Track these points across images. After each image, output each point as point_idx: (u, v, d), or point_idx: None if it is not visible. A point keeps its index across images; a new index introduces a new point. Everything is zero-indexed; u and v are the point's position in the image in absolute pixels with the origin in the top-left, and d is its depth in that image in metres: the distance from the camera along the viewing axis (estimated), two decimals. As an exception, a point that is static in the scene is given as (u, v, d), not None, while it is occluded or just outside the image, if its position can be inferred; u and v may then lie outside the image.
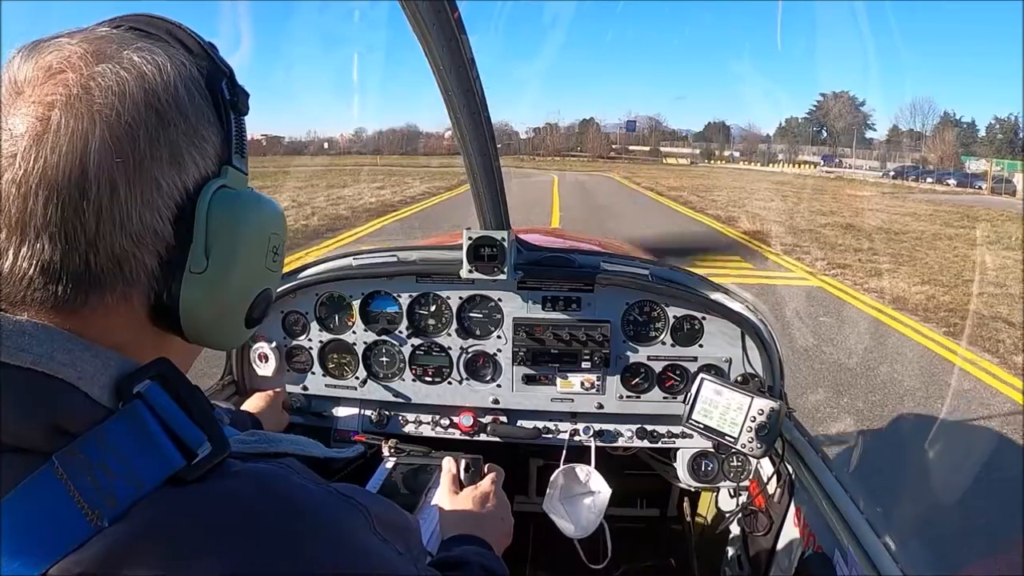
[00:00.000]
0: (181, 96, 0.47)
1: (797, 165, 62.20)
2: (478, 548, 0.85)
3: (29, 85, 0.43)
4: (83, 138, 0.42)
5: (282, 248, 0.56)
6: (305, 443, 0.65)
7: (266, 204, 0.53)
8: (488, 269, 1.47)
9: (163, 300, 0.47)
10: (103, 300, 0.45)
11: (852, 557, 1.12)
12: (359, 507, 0.51)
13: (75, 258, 0.43)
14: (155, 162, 0.45)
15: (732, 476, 1.64)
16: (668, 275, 1.60)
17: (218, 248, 0.48)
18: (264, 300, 0.54)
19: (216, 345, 0.53)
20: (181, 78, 0.47)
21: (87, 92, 0.43)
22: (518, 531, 1.06)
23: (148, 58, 0.46)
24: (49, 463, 0.39)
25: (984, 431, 3.98)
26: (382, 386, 1.65)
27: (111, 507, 0.39)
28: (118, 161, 0.43)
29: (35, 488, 0.39)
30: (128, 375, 0.44)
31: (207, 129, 0.48)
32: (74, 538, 0.38)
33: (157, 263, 0.46)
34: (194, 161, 0.47)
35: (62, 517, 0.38)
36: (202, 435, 0.44)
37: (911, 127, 68.09)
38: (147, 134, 0.44)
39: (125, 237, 0.44)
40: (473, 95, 1.10)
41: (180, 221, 0.46)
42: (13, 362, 0.41)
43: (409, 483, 1.42)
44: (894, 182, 41.35)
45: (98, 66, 0.44)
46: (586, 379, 1.60)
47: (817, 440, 1.51)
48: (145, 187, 0.44)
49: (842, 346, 5.43)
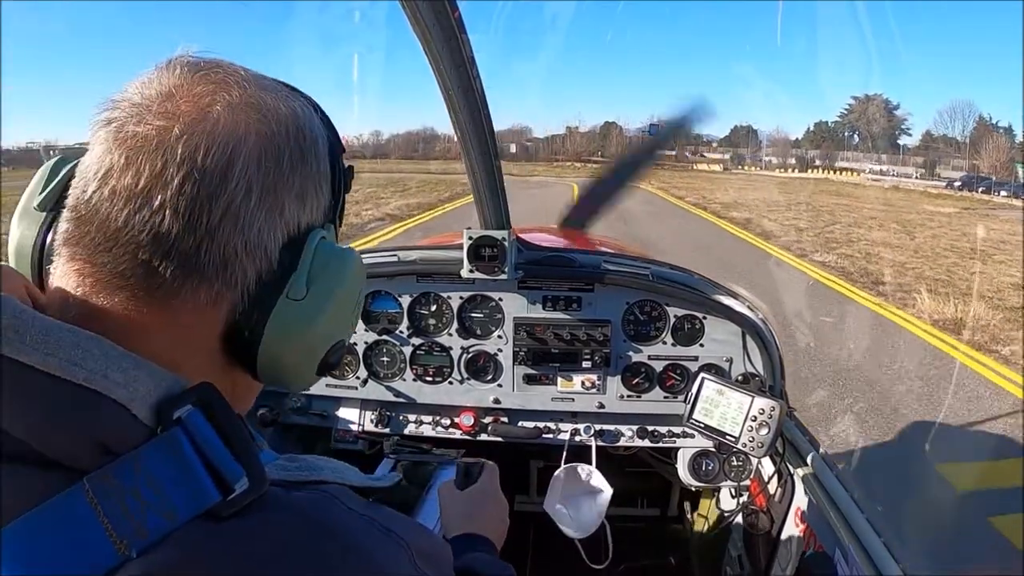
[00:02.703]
0: (320, 147, 0.51)
1: (836, 171, 58.82)
2: (487, 556, 0.85)
3: (193, 83, 0.45)
4: (237, 138, 0.44)
5: (360, 307, 0.58)
6: (344, 470, 0.63)
7: (360, 261, 0.55)
8: (489, 269, 1.47)
9: (248, 320, 0.47)
10: (197, 294, 0.44)
11: (853, 556, 1.12)
12: (399, 540, 0.50)
13: (189, 239, 0.43)
14: (286, 189, 0.47)
15: (733, 475, 1.64)
16: (668, 274, 1.60)
17: (320, 283, 0.49)
18: (339, 350, 0.55)
19: (284, 382, 0.52)
20: (320, 133, 0.51)
21: (248, 105, 0.46)
22: (519, 531, 1.06)
23: (301, 105, 0.50)
24: (79, 485, 0.38)
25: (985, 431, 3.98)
26: (383, 386, 1.65)
27: (141, 538, 0.38)
28: (261, 171, 0.45)
29: (64, 509, 0.37)
30: (171, 398, 0.43)
31: (326, 186, 0.52)
32: (100, 566, 0.37)
33: (255, 279, 0.46)
34: (312, 206, 0.50)
35: (89, 543, 0.37)
36: (241, 470, 0.42)
37: (949, 132, 63.34)
38: (289, 161, 0.47)
39: (240, 241, 0.45)
40: (473, 94, 1.10)
41: (287, 252, 0.48)
42: (66, 376, 0.40)
43: (410, 480, 1.43)
44: (960, 194, 34.98)
45: (261, 92, 0.47)
46: (587, 379, 1.60)
47: (818, 439, 1.52)
48: (272, 205, 0.46)
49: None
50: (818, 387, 4.44)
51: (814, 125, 76.09)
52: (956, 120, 62.51)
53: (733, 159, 71.75)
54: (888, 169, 57.39)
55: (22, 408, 0.39)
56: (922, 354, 5.56)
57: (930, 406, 4.33)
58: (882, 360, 5.25)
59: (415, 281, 1.61)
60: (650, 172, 11.73)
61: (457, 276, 1.52)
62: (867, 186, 41.32)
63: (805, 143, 74.05)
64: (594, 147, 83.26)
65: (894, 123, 68.32)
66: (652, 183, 32.46)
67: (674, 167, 64.10)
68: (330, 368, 0.55)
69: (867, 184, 44.04)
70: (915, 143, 65.61)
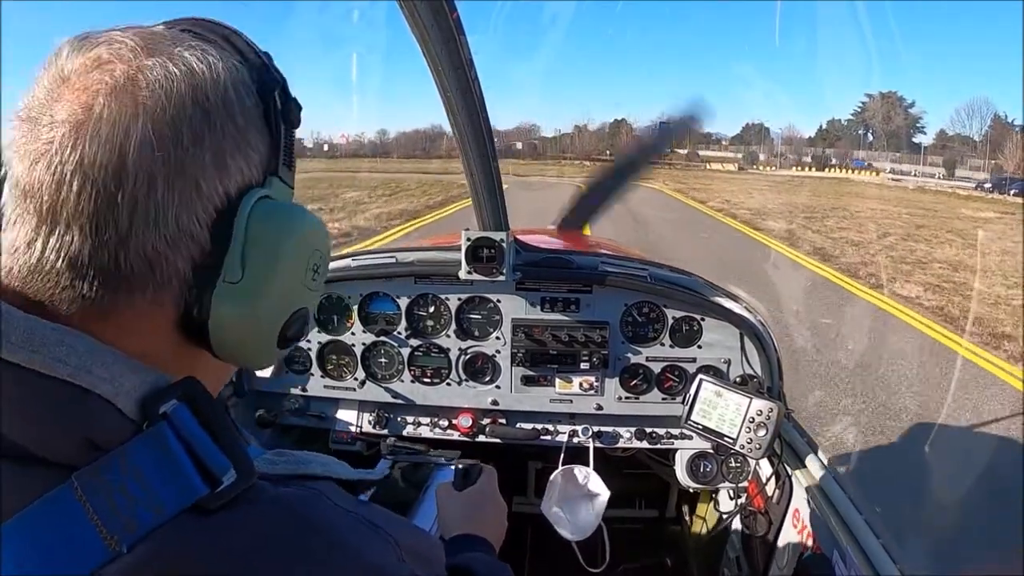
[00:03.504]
0: (231, 98, 0.45)
1: (854, 171, 56.19)
2: (485, 556, 0.85)
3: (75, 74, 0.42)
4: (124, 129, 0.41)
5: (324, 268, 0.53)
6: (333, 464, 0.63)
7: (310, 219, 0.51)
8: (487, 270, 1.47)
9: (194, 310, 0.45)
10: (132, 303, 0.43)
11: (851, 558, 1.12)
12: (386, 536, 0.50)
13: (104, 254, 0.41)
14: (197, 162, 0.43)
15: (731, 477, 1.64)
16: (666, 276, 1.60)
17: (256, 258, 0.46)
18: (300, 319, 0.52)
19: (245, 362, 0.51)
20: (232, 81, 0.45)
21: (133, 83, 0.41)
22: (517, 532, 1.06)
23: (200, 56, 0.44)
24: (68, 483, 0.38)
25: (985, 431, 3.98)
26: (381, 387, 1.65)
27: (130, 533, 0.38)
28: (158, 156, 0.41)
29: (54, 507, 0.38)
30: (155, 393, 0.43)
31: (255, 136, 0.47)
32: (91, 561, 0.37)
33: (191, 269, 0.44)
34: (238, 167, 0.46)
35: (80, 539, 0.37)
36: (227, 463, 0.42)
37: (967, 130, 60.92)
38: (192, 132, 0.43)
39: (159, 238, 0.42)
40: (472, 96, 1.10)
41: (219, 227, 0.45)
42: (50, 373, 0.40)
43: (407, 481, 1.43)
44: (991, 196, 31.46)
45: (148, 59, 0.43)
46: (585, 380, 1.60)
47: (816, 441, 1.52)
48: (184, 187, 0.42)
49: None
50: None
51: (827, 123, 74.34)
52: (974, 118, 60.85)
53: (746, 158, 69.69)
54: (909, 169, 55.13)
55: (9, 406, 0.39)
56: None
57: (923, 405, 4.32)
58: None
59: (413, 282, 1.61)
60: (647, 173, 7.99)
61: (455, 277, 1.52)
62: (890, 187, 38.99)
63: (819, 141, 71.96)
64: (603, 146, 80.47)
65: (909, 121, 66.81)
66: (667, 183, 29.86)
67: (687, 166, 61.55)
68: (293, 340, 0.52)
69: (890, 185, 41.73)
70: (930, 141, 63.87)
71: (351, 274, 1.60)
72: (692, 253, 10.31)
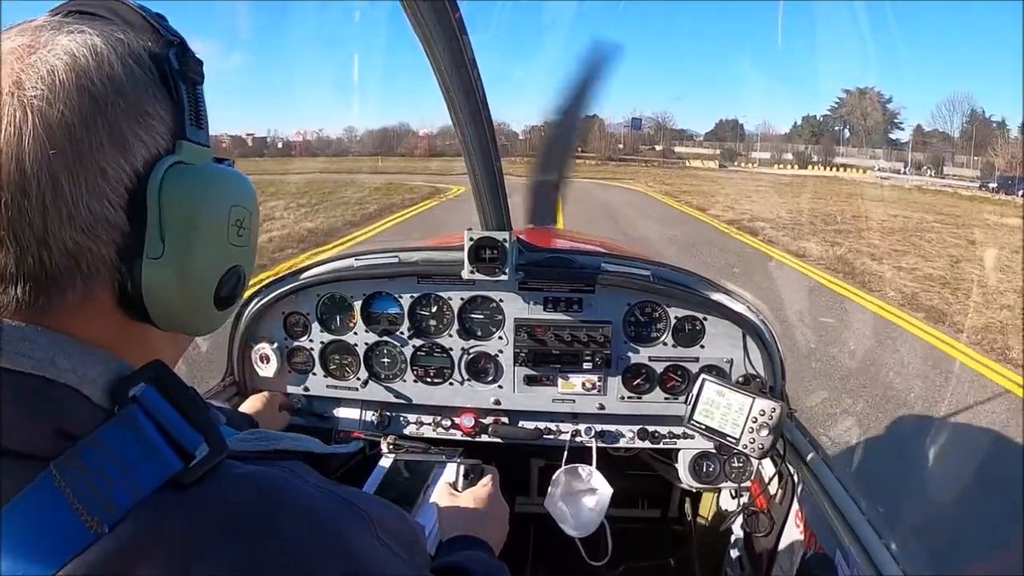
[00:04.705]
0: (117, 74, 0.44)
1: (838, 168, 54.92)
2: (481, 555, 0.85)
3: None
4: (17, 134, 0.40)
5: (250, 221, 0.53)
6: (304, 440, 0.65)
7: (225, 175, 0.50)
8: (489, 270, 1.47)
9: (127, 290, 0.45)
10: (65, 298, 0.44)
11: (854, 558, 1.12)
12: (360, 512, 0.50)
13: (28, 259, 0.42)
14: (96, 149, 0.42)
15: (733, 477, 1.64)
16: (669, 276, 1.60)
17: (173, 229, 0.46)
18: (233, 278, 0.51)
19: (192, 330, 0.52)
20: (117, 55, 0.45)
21: (19, 87, 0.41)
22: (520, 532, 1.06)
23: (79, 39, 0.44)
24: (47, 472, 0.39)
25: (985, 432, 3.97)
26: (383, 387, 1.65)
27: (110, 513, 0.39)
28: (53, 153, 0.41)
29: (36, 496, 0.39)
30: (123, 378, 0.44)
31: (153, 104, 0.46)
32: (76, 545, 0.38)
33: (115, 253, 0.44)
34: (140, 140, 0.45)
35: (63, 525, 0.39)
36: (199, 437, 0.43)
37: (948, 127, 59.74)
38: (82, 120, 0.42)
39: (76, 231, 0.42)
40: (474, 95, 1.10)
41: (133, 206, 0.44)
42: (15, 367, 0.41)
43: (408, 480, 1.42)
44: (998, 197, 29.52)
45: (30, 57, 0.42)
46: (587, 380, 1.60)
47: (818, 441, 1.51)
48: (89, 176, 0.42)
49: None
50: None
51: (802, 119, 73.68)
52: (956, 115, 60.19)
53: (724, 155, 67.91)
54: (898, 167, 54.36)
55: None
56: None
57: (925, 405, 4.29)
58: None
59: (416, 282, 1.61)
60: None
61: (458, 277, 1.52)
62: (885, 186, 36.34)
63: (797, 137, 71.25)
64: (577, 142, 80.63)
65: (887, 117, 66.37)
66: (650, 185, 26.82)
67: (664, 163, 60.62)
68: (231, 300, 0.53)
69: (883, 184, 39.13)
70: (908, 138, 63.45)
71: (354, 274, 1.61)
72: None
